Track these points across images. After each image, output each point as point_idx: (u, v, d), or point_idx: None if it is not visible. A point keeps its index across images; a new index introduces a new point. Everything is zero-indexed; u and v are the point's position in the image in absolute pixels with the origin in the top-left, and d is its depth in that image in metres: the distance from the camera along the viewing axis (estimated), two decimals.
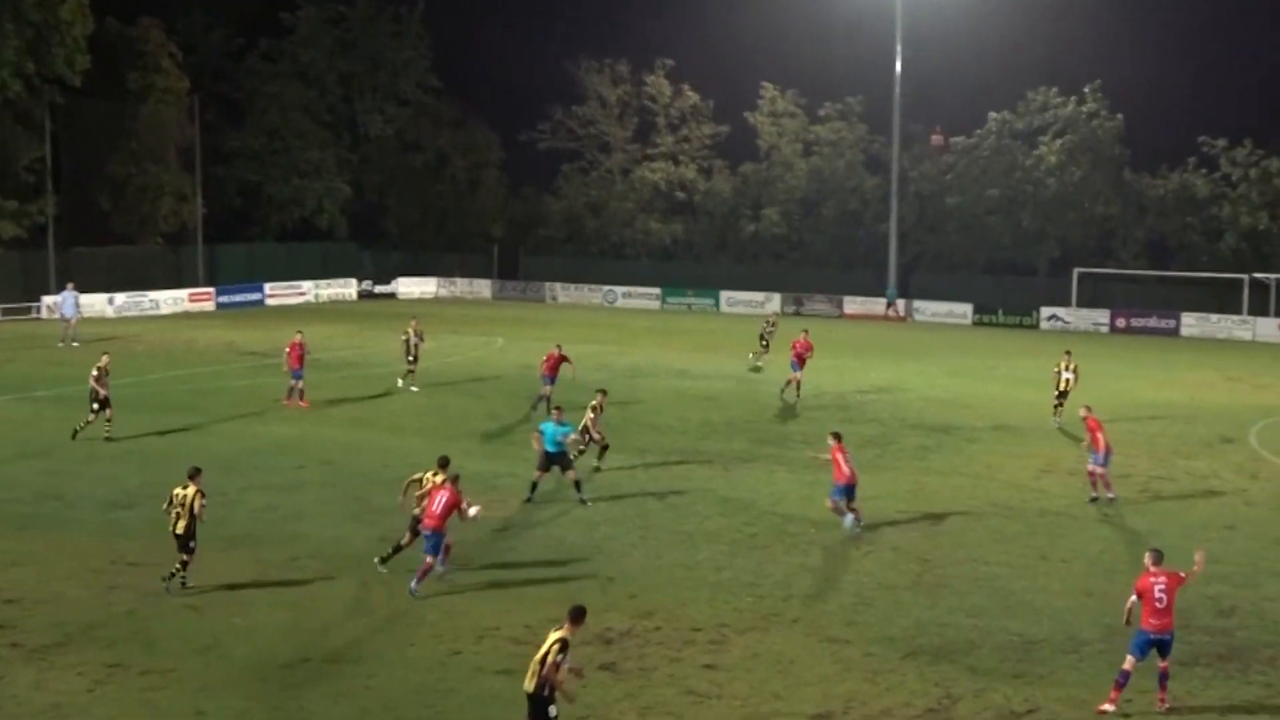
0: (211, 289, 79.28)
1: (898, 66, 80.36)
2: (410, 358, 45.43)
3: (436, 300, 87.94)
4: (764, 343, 52.50)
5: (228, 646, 19.76)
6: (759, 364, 51.83)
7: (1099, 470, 30.26)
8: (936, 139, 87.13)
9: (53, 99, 72.64)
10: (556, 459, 29.04)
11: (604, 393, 33.84)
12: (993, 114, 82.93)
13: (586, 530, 26.78)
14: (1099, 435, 30.13)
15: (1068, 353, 42.24)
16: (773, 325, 53.44)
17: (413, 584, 22.32)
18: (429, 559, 22.52)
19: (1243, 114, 79.08)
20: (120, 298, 73.68)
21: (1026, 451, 36.21)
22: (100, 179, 78.17)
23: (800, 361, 44.39)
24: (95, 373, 36.01)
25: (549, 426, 29.30)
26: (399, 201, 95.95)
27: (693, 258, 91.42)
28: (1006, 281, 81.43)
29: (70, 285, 60.98)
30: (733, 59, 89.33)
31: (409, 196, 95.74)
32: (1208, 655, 19.91)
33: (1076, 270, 77.17)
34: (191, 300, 77.22)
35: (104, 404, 35.77)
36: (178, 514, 22.60)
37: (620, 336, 63.18)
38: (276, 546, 25.21)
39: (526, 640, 19.99)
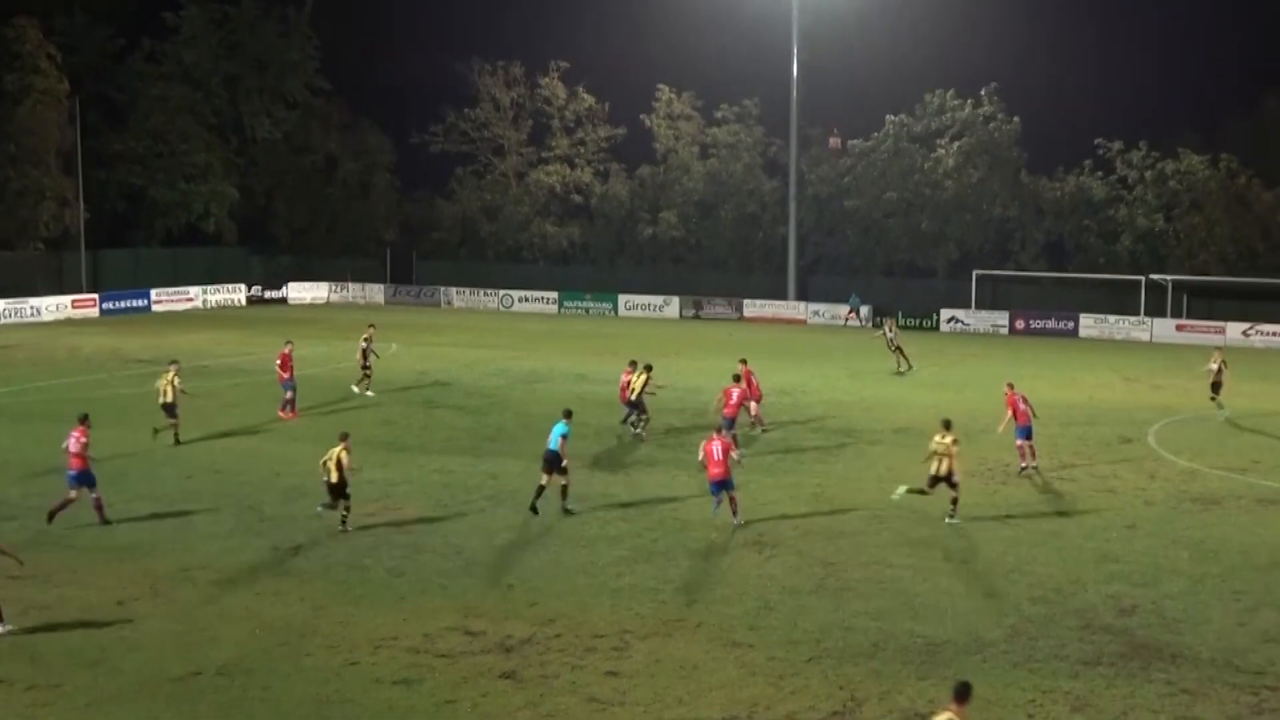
0: (95, 295, 78.25)
1: (794, 69, 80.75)
2: (365, 364, 45.78)
3: (328, 305, 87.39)
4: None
5: (116, 660, 19.50)
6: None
7: (1023, 442, 33.86)
8: (834, 141, 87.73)
9: None
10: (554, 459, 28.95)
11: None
12: (890, 116, 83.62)
13: (486, 537, 26.68)
14: (1021, 408, 33.79)
15: (1219, 349, 46.08)
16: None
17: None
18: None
19: (1138, 117, 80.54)
20: None
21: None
22: None
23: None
24: None
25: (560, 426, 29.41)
26: (288, 205, 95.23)
27: (590, 261, 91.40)
28: (906, 284, 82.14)
29: None
30: (628, 61, 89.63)
31: (298, 200, 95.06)
32: (1110, 655, 20.16)
33: (976, 272, 78.02)
34: (75, 307, 76.20)
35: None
36: (331, 468, 26.63)
37: (517, 341, 63.08)
38: (165, 557, 24.89)
39: (424, 649, 19.98)
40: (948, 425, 28.77)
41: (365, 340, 46.44)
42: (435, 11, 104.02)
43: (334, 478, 26.84)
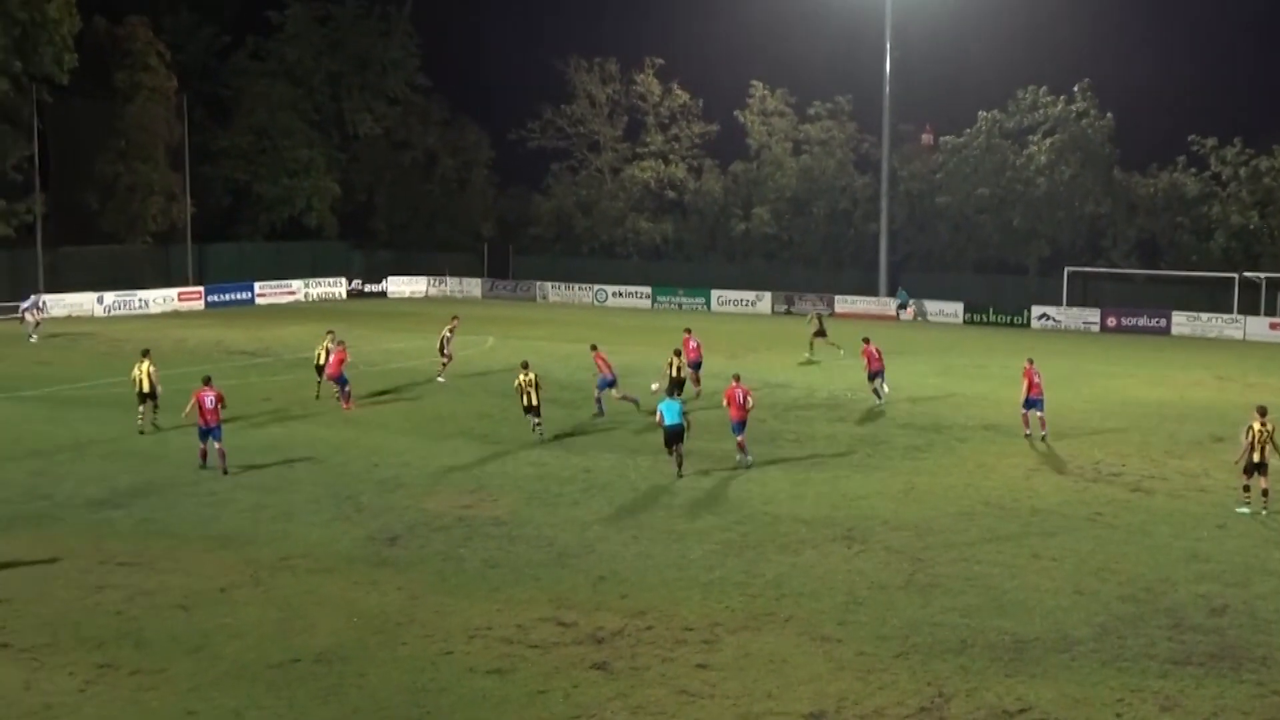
0: (200, 288, 79.18)
1: (887, 65, 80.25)
2: (445, 354, 46.42)
3: (427, 299, 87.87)
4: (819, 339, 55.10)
5: (218, 646, 19.71)
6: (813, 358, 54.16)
7: (1027, 412, 37.37)
8: (926, 138, 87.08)
9: (40, 97, 72.53)
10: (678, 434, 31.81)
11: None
12: (982, 113, 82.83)
13: (578, 529, 26.72)
14: (1035, 381, 37.08)
15: None
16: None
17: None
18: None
19: (1232, 113, 79.18)
20: (109, 297, 73.63)
21: (1017, 450, 36.13)
22: (88, 178, 78.06)
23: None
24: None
25: (667, 404, 32.46)
26: (388, 200, 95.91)
27: (683, 257, 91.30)
28: (997, 280, 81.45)
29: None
30: (722, 58, 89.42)
31: (398, 195, 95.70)
32: (1199, 655, 19.87)
33: (1067, 269, 77.23)
34: (181, 299, 77.15)
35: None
36: (527, 394, 35.30)
37: (610, 336, 63.06)
38: (266, 545, 25.14)
39: (517, 640, 20.03)
40: (1263, 412, 29.39)
41: (449, 331, 46.83)
42: (534, 9, 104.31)
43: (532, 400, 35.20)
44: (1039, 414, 37.39)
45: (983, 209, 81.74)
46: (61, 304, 71.35)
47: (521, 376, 36.48)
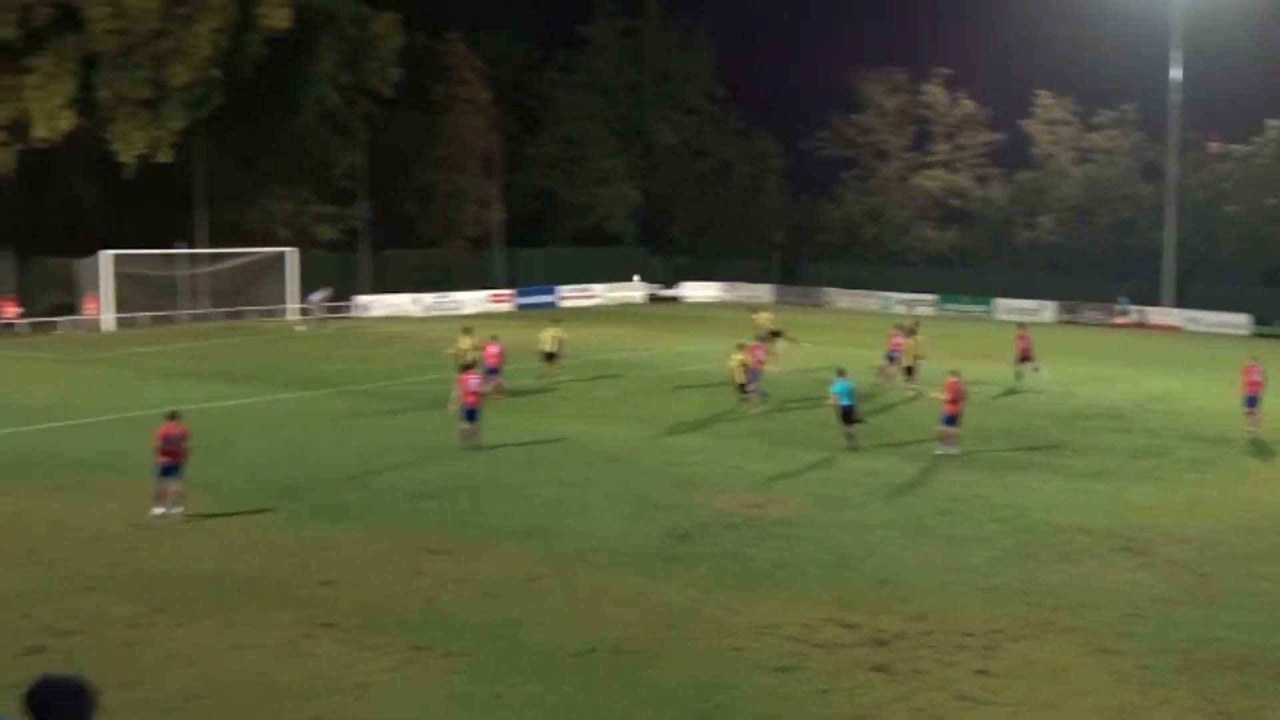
0: (512, 290, 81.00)
1: (1174, 73, 77.68)
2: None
3: (720, 304, 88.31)
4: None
5: (522, 633, 20.16)
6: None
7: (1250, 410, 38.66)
8: (1215, 146, 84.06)
9: (367, 110, 75.14)
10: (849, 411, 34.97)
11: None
12: (1271, 121, 79.63)
13: (861, 532, 26.61)
14: (1254, 379, 38.64)
15: None
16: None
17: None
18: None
19: None
20: (426, 298, 75.87)
21: None
22: (408, 186, 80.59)
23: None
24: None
25: (841, 385, 35.33)
26: (685, 208, 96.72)
27: (968, 265, 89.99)
28: None
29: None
30: (1008, 67, 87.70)
31: (694, 203, 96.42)
32: None
33: None
34: (493, 301, 79.01)
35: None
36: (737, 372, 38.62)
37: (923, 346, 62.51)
38: (567, 539, 25.64)
39: (802, 639, 20.02)
40: None
41: (760, 324, 47.26)
42: (826, 22, 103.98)
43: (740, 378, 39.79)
44: (1254, 411, 38.47)
45: (1273, 218, 78.55)
46: (382, 304, 73.88)
47: (737, 357, 40.10)
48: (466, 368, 39.82)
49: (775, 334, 48.27)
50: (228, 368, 50.62)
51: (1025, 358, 48.06)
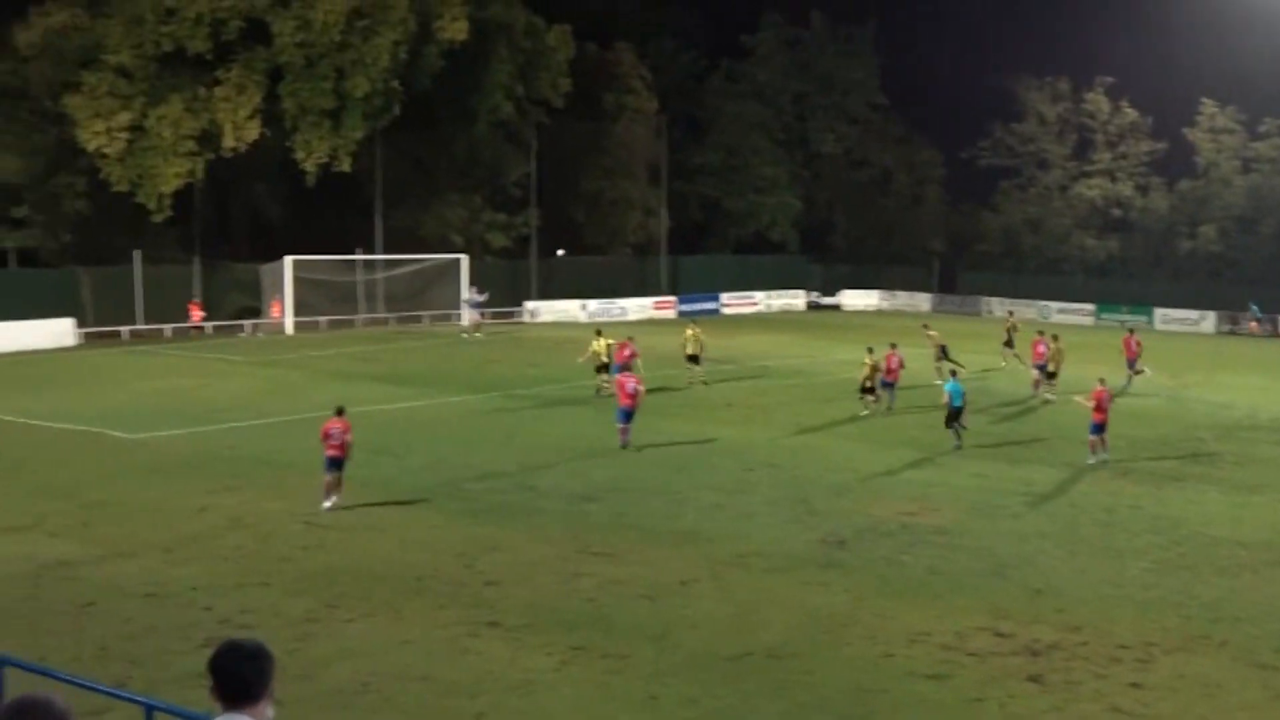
0: (674, 297, 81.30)
1: None
2: (944, 359, 48.15)
3: (878, 313, 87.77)
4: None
5: (678, 636, 20.29)
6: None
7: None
8: None
9: (538, 119, 75.99)
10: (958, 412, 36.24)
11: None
12: None
13: (1017, 542, 26.34)
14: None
15: None
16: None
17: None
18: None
19: None
20: (592, 304, 76.49)
21: None
22: (576, 194, 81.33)
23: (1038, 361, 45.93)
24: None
25: (953, 385, 36.90)
26: (846, 216, 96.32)
27: (1127, 274, 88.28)
28: None
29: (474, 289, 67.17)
30: (1171, 75, 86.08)
31: (855, 211, 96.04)
32: None
33: None
34: (656, 307, 79.38)
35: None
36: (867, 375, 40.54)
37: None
38: (724, 543, 25.72)
39: (955, 647, 19.88)
40: None
41: (934, 339, 48.23)
42: (988, 30, 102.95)
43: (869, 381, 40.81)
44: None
45: None
46: (551, 309, 74.67)
47: (869, 359, 41.45)
48: (602, 368, 41.30)
49: (944, 351, 48.15)
50: (400, 371, 51.57)
51: (1132, 362, 48.24)
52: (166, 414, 40.01)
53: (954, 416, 36.27)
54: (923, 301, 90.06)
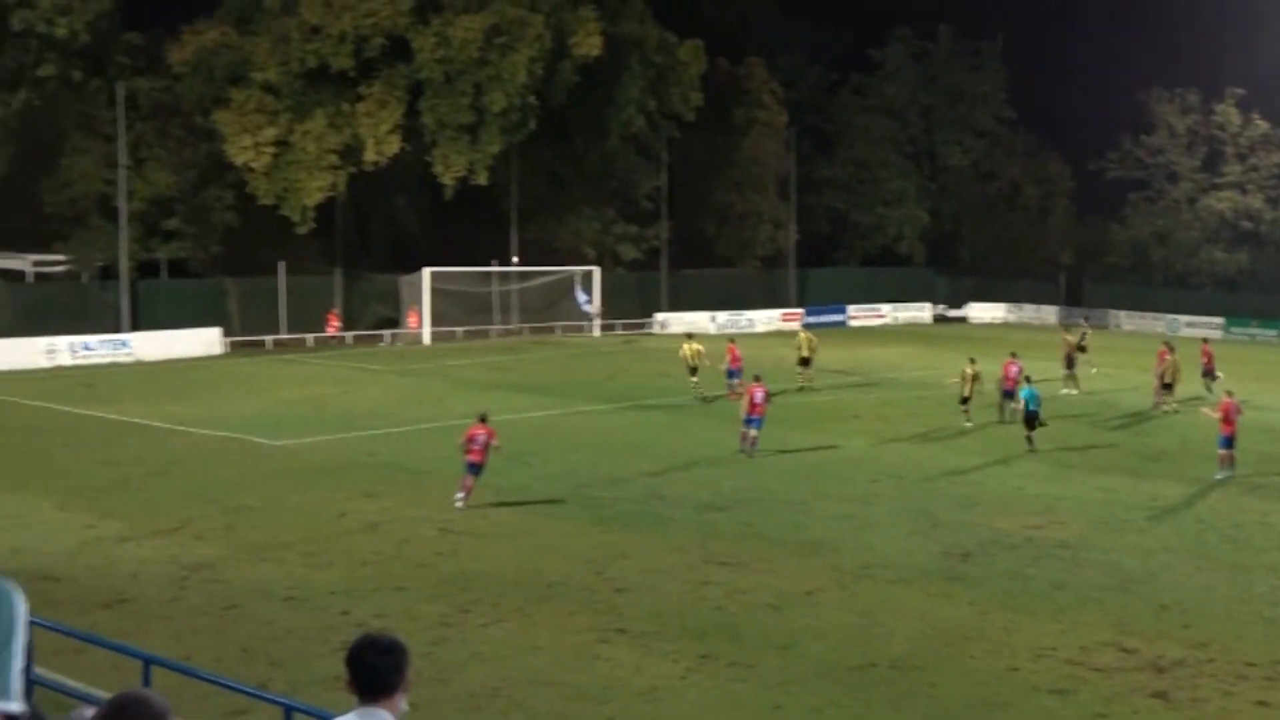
0: (801, 309, 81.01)
1: None
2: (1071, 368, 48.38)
3: (1005, 325, 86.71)
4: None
5: (803, 646, 20.27)
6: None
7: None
8: None
9: (669, 133, 76.19)
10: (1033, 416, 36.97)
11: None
12: None
13: (1143, 557, 25.92)
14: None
15: None
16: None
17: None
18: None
19: None
20: (721, 316, 76.41)
21: None
22: (707, 207, 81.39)
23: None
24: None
25: (1029, 391, 37.42)
26: (972, 229, 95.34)
27: (1258, 288, 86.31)
28: None
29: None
30: None
31: (982, 224, 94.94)
32: None
33: None
34: (783, 320, 79.10)
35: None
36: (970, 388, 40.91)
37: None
38: (849, 554, 25.63)
39: (1080, 662, 19.63)
40: None
41: (1076, 341, 48.44)
42: (1117, 42, 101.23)
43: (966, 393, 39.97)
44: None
45: None
46: (680, 321, 74.73)
47: (969, 369, 41.46)
48: (694, 370, 44.87)
49: (1081, 349, 48.49)
50: (533, 380, 51.99)
51: (1208, 372, 47.51)
52: (308, 421, 40.73)
53: (1028, 422, 37.15)
54: (1049, 314, 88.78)
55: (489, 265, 70.54)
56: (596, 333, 69.18)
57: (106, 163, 62.07)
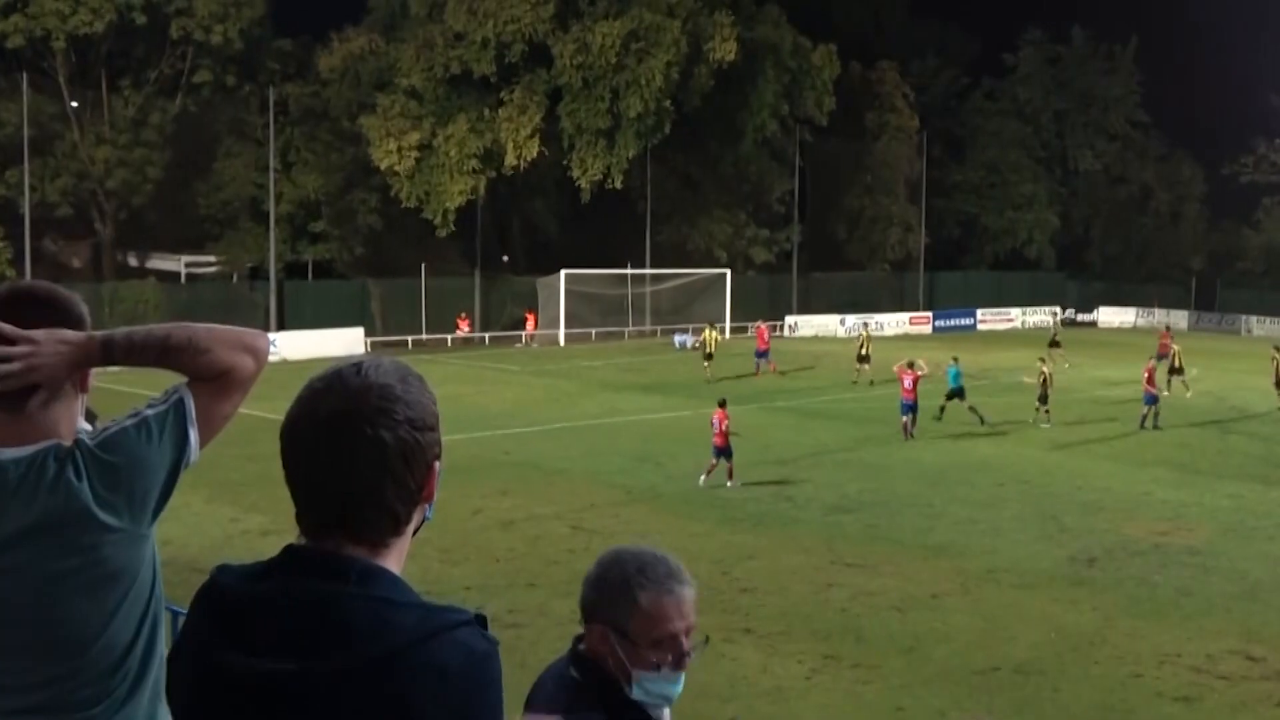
0: (929, 313, 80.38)
1: None
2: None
3: (1134, 330, 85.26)
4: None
5: (928, 648, 20.16)
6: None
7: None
8: None
9: (802, 137, 76.12)
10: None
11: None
12: None
13: (1271, 565, 25.33)
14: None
15: None
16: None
17: None
18: None
19: None
20: (850, 319, 76.08)
21: None
22: (838, 210, 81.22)
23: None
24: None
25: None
26: (1103, 233, 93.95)
27: None
28: None
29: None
30: None
31: (1113, 228, 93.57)
32: None
33: None
34: (912, 323, 78.58)
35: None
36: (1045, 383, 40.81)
37: None
38: (975, 558, 25.42)
39: (1205, 669, 19.28)
40: None
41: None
42: (1250, 45, 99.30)
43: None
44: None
45: None
46: (809, 324, 74.59)
47: (1044, 368, 42.28)
48: (709, 356, 48.47)
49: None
50: (665, 381, 52.07)
51: None
52: (446, 419, 39.37)
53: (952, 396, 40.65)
54: (1179, 319, 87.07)
55: (624, 268, 70.89)
56: (727, 335, 69.18)
57: (257, 166, 63.45)
